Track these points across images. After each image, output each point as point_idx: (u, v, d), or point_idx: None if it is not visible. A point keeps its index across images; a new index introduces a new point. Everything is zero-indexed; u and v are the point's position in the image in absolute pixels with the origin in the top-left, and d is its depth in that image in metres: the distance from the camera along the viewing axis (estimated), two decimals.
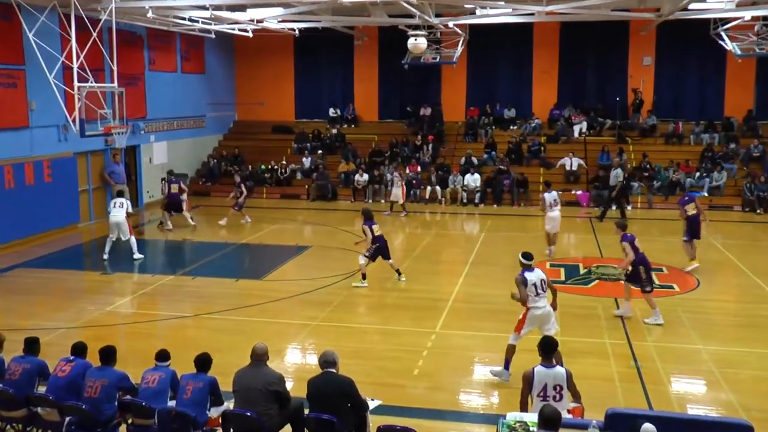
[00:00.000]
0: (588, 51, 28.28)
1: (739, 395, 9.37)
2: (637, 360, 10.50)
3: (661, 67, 27.99)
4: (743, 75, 26.99)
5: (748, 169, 24.67)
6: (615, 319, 12.46)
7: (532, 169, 26.08)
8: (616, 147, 26.08)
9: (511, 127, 28.44)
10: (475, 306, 13.38)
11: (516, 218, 22.65)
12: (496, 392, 9.55)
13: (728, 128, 26.77)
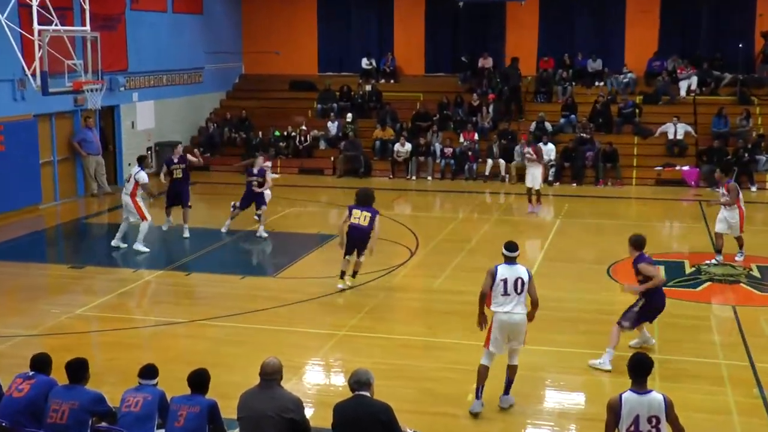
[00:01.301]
0: None
1: None
2: (762, 388, 10.35)
3: None
4: None
5: None
6: (733, 333, 12.31)
7: (624, 137, 25.90)
8: (738, 109, 25.70)
9: (596, 84, 28.27)
10: (547, 313, 13.15)
11: (602, 201, 22.48)
12: (573, 425, 9.51)
13: None
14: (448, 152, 25.61)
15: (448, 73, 29.74)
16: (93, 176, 22.84)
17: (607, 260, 16.14)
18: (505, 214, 22.01)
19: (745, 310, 13.26)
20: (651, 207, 22.16)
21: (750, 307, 13.53)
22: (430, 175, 25.47)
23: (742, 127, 25.17)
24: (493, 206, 23.02)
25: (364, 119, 27.98)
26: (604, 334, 12.13)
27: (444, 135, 26.49)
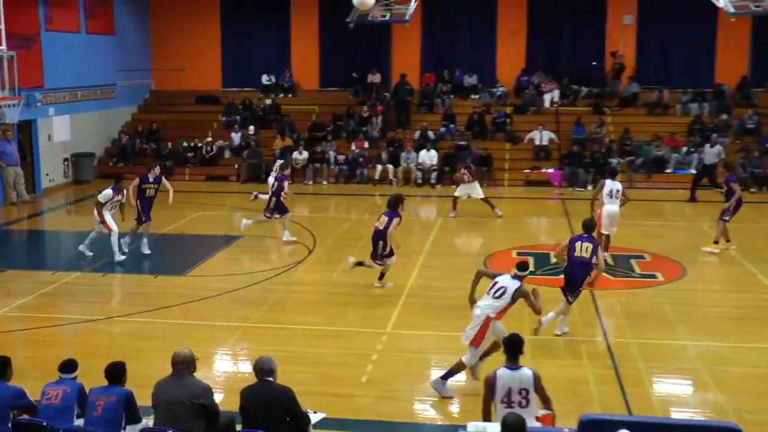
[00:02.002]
0: (561, 9, 28.63)
1: (728, 395, 9.70)
2: (615, 359, 10.77)
3: (644, 27, 28.50)
4: (737, 36, 27.51)
5: (741, 142, 25.32)
6: (590, 314, 12.74)
7: (497, 143, 26.38)
8: (593, 118, 26.55)
9: (472, 96, 28.69)
10: (433, 302, 13.54)
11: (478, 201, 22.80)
12: (456, 400, 9.70)
13: (719, 97, 27.42)
14: (342, 159, 25.71)
15: (341, 88, 29.74)
16: (12, 186, 22.16)
17: (484, 253, 16.50)
18: None
19: (601, 294, 13.71)
20: (521, 205, 22.66)
21: (605, 291, 13.95)
22: (325, 180, 25.52)
23: (597, 134, 26.00)
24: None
25: (265, 130, 27.81)
26: None
27: (337, 143, 26.58)
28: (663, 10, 27.95)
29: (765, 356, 11.10)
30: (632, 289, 14.22)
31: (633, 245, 17.03)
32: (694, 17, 27.62)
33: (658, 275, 14.99)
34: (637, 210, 19.63)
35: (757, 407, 9.43)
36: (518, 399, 7.22)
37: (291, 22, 30.01)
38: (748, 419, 8.73)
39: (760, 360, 10.95)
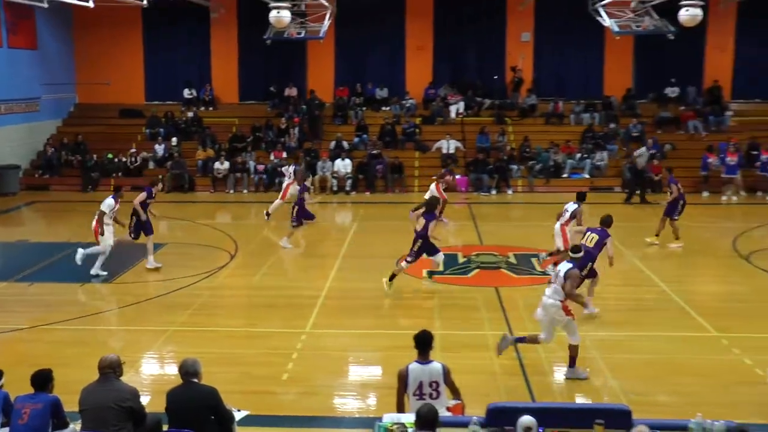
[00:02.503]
0: (464, 27, 28.97)
1: (621, 381, 9.98)
2: (519, 351, 10.94)
3: (540, 44, 29.12)
4: (622, 53, 28.56)
5: (627, 149, 26.12)
6: (496, 309, 12.93)
7: (407, 152, 26.56)
8: (496, 128, 26.98)
9: (383, 108, 28.82)
10: (349, 302, 13.54)
11: (390, 206, 23.01)
12: (372, 394, 9.72)
13: (608, 107, 28.23)
14: (261, 168, 25.48)
15: (260, 101, 29.48)
16: None
17: (396, 255, 16.50)
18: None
19: (505, 291, 13.96)
20: None
21: (509, 288, 14.24)
22: (246, 189, 25.26)
23: (500, 142, 26.44)
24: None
25: (188, 142, 27.38)
26: (397, 317, 12.57)
27: (257, 154, 26.34)
28: (557, 29, 28.62)
29: (653, 344, 11.44)
30: (533, 285, 14.44)
31: (534, 245, 17.35)
32: (584, 36, 28.28)
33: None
34: (537, 212, 20.04)
35: (646, 390, 9.72)
36: (429, 391, 7.27)
37: (211, 38, 29.62)
38: (638, 401, 8.97)
39: (649, 347, 11.29)
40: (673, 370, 10.40)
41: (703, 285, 15.10)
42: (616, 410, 7.15)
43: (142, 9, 26.41)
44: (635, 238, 18.01)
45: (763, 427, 8.36)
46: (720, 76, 28.54)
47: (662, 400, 9.46)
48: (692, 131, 27.09)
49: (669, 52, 27.27)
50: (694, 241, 17.83)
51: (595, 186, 24.45)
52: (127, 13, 27.84)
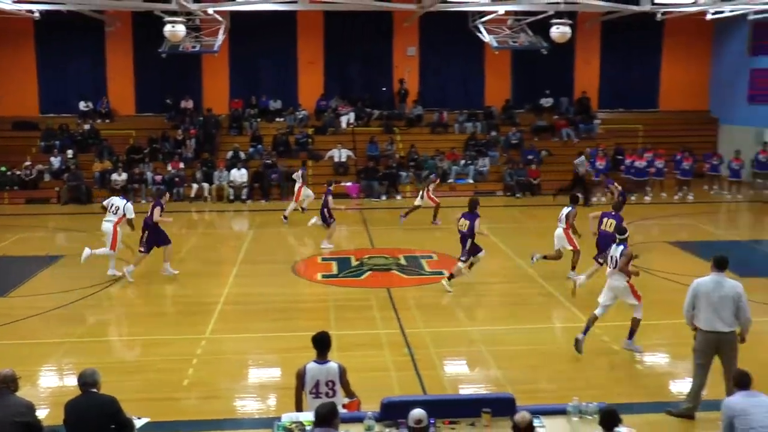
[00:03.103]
0: (354, 41, 29.09)
1: (505, 371, 10.24)
2: (410, 347, 11.06)
3: (425, 57, 29.57)
4: (500, 66, 29.37)
5: (508, 155, 26.81)
6: (388, 309, 13.01)
7: (301, 161, 26.35)
8: (385, 137, 27.20)
9: (277, 119, 28.61)
10: (248, 307, 13.36)
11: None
12: (272, 394, 9.62)
13: (489, 117, 28.90)
14: (159, 179, 24.85)
15: (156, 113, 28.74)
16: None
17: (291, 260, 16.48)
18: (208, 228, 21.82)
19: (396, 291, 14.06)
20: None
21: (400, 288, 14.35)
22: (144, 199, 24.52)
23: (389, 150, 26.68)
24: (199, 222, 22.66)
25: (84, 154, 26.40)
26: (294, 320, 12.46)
27: (155, 164, 25.67)
28: (440, 44, 29.11)
29: (533, 335, 11.76)
30: (423, 285, 14.63)
31: (423, 247, 17.58)
32: (466, 49, 28.86)
33: (445, 272, 15.42)
34: (425, 216, 20.25)
35: (528, 378, 10.01)
36: (326, 390, 7.25)
37: (106, 51, 28.69)
38: (522, 389, 9.18)
39: (530, 339, 11.60)
40: (553, 358, 10.73)
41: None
42: (501, 399, 7.32)
43: (35, 21, 25.28)
44: (517, 238, 18.48)
45: (630, 405, 8.73)
46: (588, 88, 29.75)
47: (543, 387, 9.75)
48: (565, 138, 28.07)
49: (543, 66, 28.25)
50: None
51: (478, 190, 24.99)
52: (19, 25, 26.63)
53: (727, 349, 8.53)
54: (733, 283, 8.51)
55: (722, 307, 8.43)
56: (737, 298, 8.40)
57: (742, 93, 28.50)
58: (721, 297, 8.43)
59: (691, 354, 8.91)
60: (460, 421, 6.99)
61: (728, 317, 8.44)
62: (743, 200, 24.78)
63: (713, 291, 8.48)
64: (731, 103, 29.14)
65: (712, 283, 8.54)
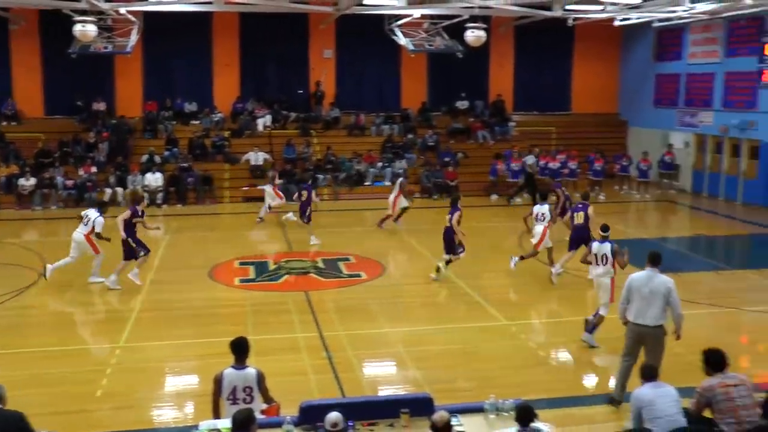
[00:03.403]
0: (269, 43, 28.85)
1: (424, 371, 10.36)
2: (329, 350, 11.06)
3: (342, 60, 29.58)
4: (417, 69, 29.65)
5: (424, 157, 27.08)
6: (306, 313, 12.97)
7: (217, 165, 26.09)
8: (302, 140, 27.10)
9: (192, 122, 28.14)
10: (164, 314, 13.12)
11: (203, 217, 22.54)
12: (189, 402, 9.47)
13: (406, 119, 29.14)
14: (70, 184, 24.10)
15: (67, 115, 27.81)
16: None
17: (209, 265, 16.24)
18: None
19: (314, 294, 14.06)
20: (241, 219, 22.53)
21: (318, 291, 14.36)
22: (54, 205, 23.80)
23: (305, 153, 26.59)
24: (112, 228, 22.05)
25: None
26: (212, 325, 12.30)
27: (65, 169, 24.86)
28: (357, 46, 29.19)
29: (451, 335, 11.93)
30: (341, 287, 14.67)
31: (340, 249, 17.60)
32: (382, 52, 29.03)
33: (362, 274, 15.59)
34: (342, 218, 20.31)
35: (447, 377, 10.15)
36: (243, 396, 7.19)
37: (11, 50, 27.61)
38: (440, 388, 9.32)
39: (448, 338, 11.76)
40: (470, 357, 10.92)
41: (494, 279, 15.89)
42: (419, 399, 7.40)
43: None
44: (434, 239, 18.64)
45: (544, 401, 8.96)
46: (502, 91, 30.33)
47: (461, 386, 9.90)
48: (481, 140, 28.53)
49: (458, 69, 28.69)
50: (485, 240, 18.77)
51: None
52: None
53: (652, 343, 8.76)
54: (663, 279, 8.74)
55: (652, 301, 8.68)
56: (667, 293, 8.64)
57: (648, 97, 29.59)
58: (651, 291, 8.68)
59: (602, 348, 9.22)
60: (379, 422, 7.04)
61: (656, 312, 8.69)
62: (651, 199, 25.74)
63: (644, 285, 8.74)
64: (639, 107, 30.22)
65: (645, 277, 8.81)
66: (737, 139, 24.78)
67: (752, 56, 23.79)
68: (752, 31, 23.85)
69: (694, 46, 26.81)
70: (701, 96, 26.56)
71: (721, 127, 25.19)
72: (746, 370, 9.75)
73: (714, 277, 15.67)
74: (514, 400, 7.24)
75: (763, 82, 23.22)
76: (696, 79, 26.82)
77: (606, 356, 11.00)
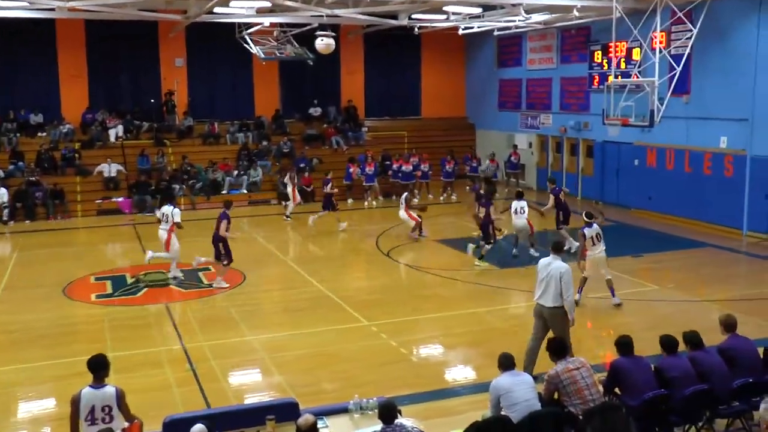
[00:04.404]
0: (119, 52, 27.89)
1: (287, 376, 10.35)
2: (192, 362, 10.83)
3: (194, 68, 28.99)
4: (269, 77, 29.54)
5: (280, 164, 26.98)
6: (168, 325, 12.64)
7: (68, 178, 24.91)
8: (156, 150, 26.34)
9: (39, 134, 26.73)
10: (15, 336, 12.38)
11: (54, 233, 21.43)
12: (46, 427, 9.02)
13: (260, 127, 28.92)
14: None
15: None
16: None
17: (63, 281, 15.47)
18: None
19: (175, 306, 13.73)
20: (96, 233, 21.62)
21: (179, 303, 14.04)
22: None
23: (160, 163, 25.87)
24: None
25: None
26: (69, 344, 11.75)
27: None
28: (208, 55, 28.71)
29: (313, 339, 11.95)
30: (201, 298, 14.39)
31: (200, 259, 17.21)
32: (234, 60, 28.66)
33: (224, 283, 15.32)
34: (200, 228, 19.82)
35: (309, 381, 10.18)
36: (101, 415, 6.91)
37: None
38: (305, 392, 9.38)
39: (309, 343, 11.78)
40: (333, 359, 11.00)
41: (355, 281, 16.07)
42: (285, 404, 7.41)
43: None
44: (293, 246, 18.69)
45: (407, 397, 9.20)
46: (354, 97, 30.72)
47: (326, 388, 9.97)
48: (335, 146, 28.76)
49: (310, 76, 28.91)
50: (343, 243, 18.93)
51: (253, 200, 24.98)
52: None
53: (553, 322, 9.61)
54: (559, 264, 9.64)
55: (548, 283, 9.60)
56: (558, 278, 9.50)
57: (493, 101, 30.85)
58: (548, 274, 9.60)
59: (460, 343, 9.52)
60: (246, 430, 7.00)
61: (552, 293, 9.57)
62: (499, 198, 26.72)
63: (543, 269, 9.73)
64: (485, 110, 31.46)
65: (545, 262, 9.80)
66: (575, 139, 26.28)
67: (582, 63, 25.33)
68: (581, 40, 25.38)
69: (532, 53, 28.20)
70: (541, 100, 28.00)
71: (560, 128, 26.68)
72: (590, 352, 10.41)
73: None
74: (377, 399, 7.37)
75: (593, 87, 24.74)
76: (535, 84, 28.23)
77: (463, 349, 11.40)
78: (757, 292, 14.25)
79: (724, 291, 14.34)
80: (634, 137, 22.34)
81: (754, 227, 18.93)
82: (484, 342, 11.51)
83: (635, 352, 7.82)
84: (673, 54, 19.25)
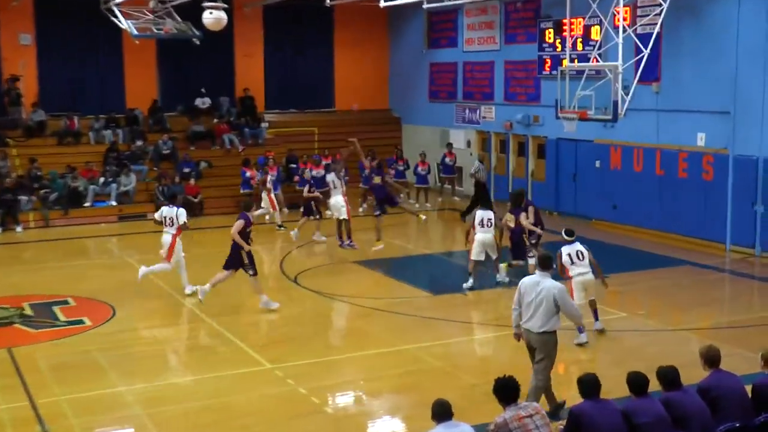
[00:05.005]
0: None
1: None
2: (44, 422, 10.46)
3: (45, 47, 28.43)
4: (144, 60, 29.16)
5: (158, 169, 26.57)
6: (10, 375, 12.19)
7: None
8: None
9: None
10: None
11: None
12: None
13: (133, 122, 28.47)
14: None
15: None
16: None
17: None
18: None
19: (21, 350, 13.26)
20: None
21: (26, 347, 13.57)
22: None
23: (2, 168, 25.13)
24: None
25: None
26: None
27: None
28: (65, 31, 28.25)
29: (202, 388, 11.73)
30: (57, 339, 13.97)
31: (55, 290, 16.79)
32: (99, 38, 28.28)
33: (86, 320, 14.95)
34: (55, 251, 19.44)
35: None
36: None
37: None
38: None
39: (198, 393, 11.57)
40: (230, 413, 10.82)
41: (254, 314, 15.85)
42: None
43: None
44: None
45: None
46: (252, 85, 30.57)
47: None
48: (228, 146, 28.54)
49: (197, 60, 28.74)
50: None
51: (125, 214, 24.52)
52: None
53: (542, 349, 9.87)
54: (551, 284, 9.84)
55: (537, 306, 9.77)
56: (552, 300, 9.72)
57: (423, 90, 31.20)
58: (537, 295, 9.78)
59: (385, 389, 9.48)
60: None
61: (541, 317, 9.78)
62: (432, 209, 26.93)
63: (531, 290, 9.87)
64: (413, 102, 31.79)
65: (532, 281, 9.98)
66: (523, 137, 26.64)
67: (531, 43, 25.71)
68: (530, 15, 25.83)
69: (470, 31, 28.61)
70: (481, 88, 28.39)
71: (504, 123, 27.01)
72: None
73: (499, 294, 16.61)
74: None
75: (544, 73, 25.08)
76: (474, 69, 28.62)
77: (390, 396, 11.37)
78: (744, 319, 14.71)
79: (705, 318, 14.76)
80: (594, 134, 22.83)
81: (738, 241, 19.57)
82: (415, 387, 11.52)
83: (600, 394, 7.89)
84: (640, 33, 19.68)
